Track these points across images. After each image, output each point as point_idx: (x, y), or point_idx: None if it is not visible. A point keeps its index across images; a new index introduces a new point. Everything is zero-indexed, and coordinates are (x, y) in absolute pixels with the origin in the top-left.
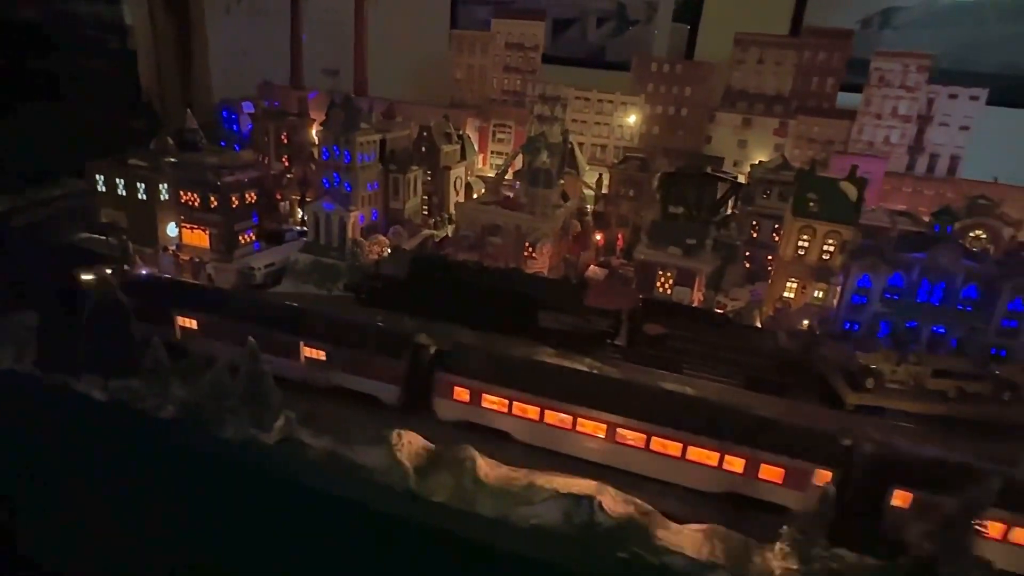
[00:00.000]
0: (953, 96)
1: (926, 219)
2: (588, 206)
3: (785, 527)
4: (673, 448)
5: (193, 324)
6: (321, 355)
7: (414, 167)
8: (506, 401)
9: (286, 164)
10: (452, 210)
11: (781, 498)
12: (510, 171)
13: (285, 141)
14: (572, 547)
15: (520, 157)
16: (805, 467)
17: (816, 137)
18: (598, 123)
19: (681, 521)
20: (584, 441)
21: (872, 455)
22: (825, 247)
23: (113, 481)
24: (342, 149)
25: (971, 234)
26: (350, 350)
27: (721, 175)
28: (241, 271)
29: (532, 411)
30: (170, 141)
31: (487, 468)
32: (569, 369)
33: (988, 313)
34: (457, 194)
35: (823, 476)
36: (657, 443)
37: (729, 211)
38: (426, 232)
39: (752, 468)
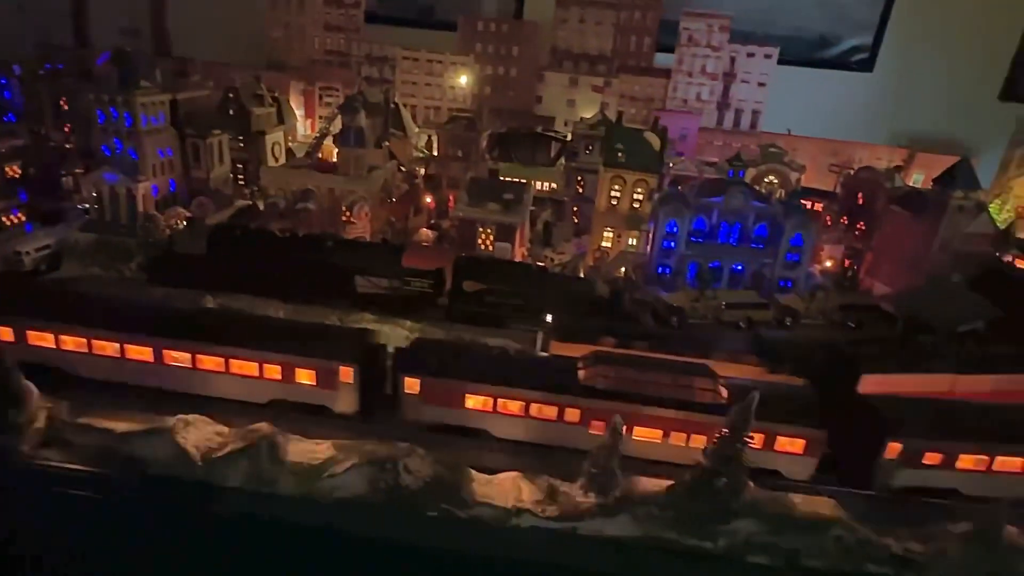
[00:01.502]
0: (751, 55)
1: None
2: (420, 169)
3: (584, 463)
4: (217, 364)
5: None
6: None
7: (217, 131)
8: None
9: (67, 133)
10: None
11: (319, 399)
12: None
13: (65, 107)
14: (379, 513)
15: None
16: (332, 366)
17: (637, 95)
18: (429, 84)
19: (492, 472)
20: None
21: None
22: (635, 196)
23: None
24: (120, 111)
25: (765, 180)
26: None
27: (551, 134)
28: (5, 257)
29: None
30: None
31: (287, 445)
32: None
33: (775, 249)
34: (276, 161)
35: (347, 373)
36: (204, 361)
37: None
38: (241, 203)
39: (289, 373)
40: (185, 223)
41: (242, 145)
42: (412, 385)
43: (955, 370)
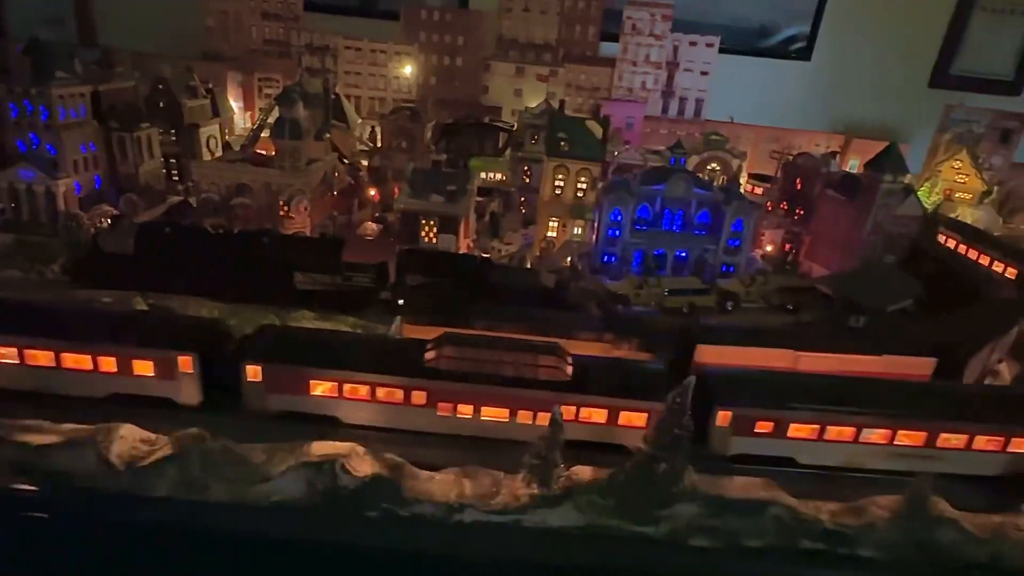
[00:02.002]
0: (693, 43)
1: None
2: (364, 161)
3: (525, 455)
4: (48, 358)
5: None
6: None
7: (145, 124)
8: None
9: None
10: None
11: (160, 391)
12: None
13: None
14: (317, 515)
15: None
16: (170, 356)
17: (583, 84)
18: (373, 75)
19: (435, 468)
20: None
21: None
22: (579, 185)
23: None
24: (35, 104)
25: (708, 167)
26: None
27: (498, 124)
28: None
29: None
30: None
31: (219, 450)
32: None
33: (718, 235)
34: (212, 155)
35: (185, 362)
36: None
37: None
38: (174, 199)
39: (126, 365)
40: (110, 221)
41: (174, 139)
42: (254, 373)
43: (797, 346)
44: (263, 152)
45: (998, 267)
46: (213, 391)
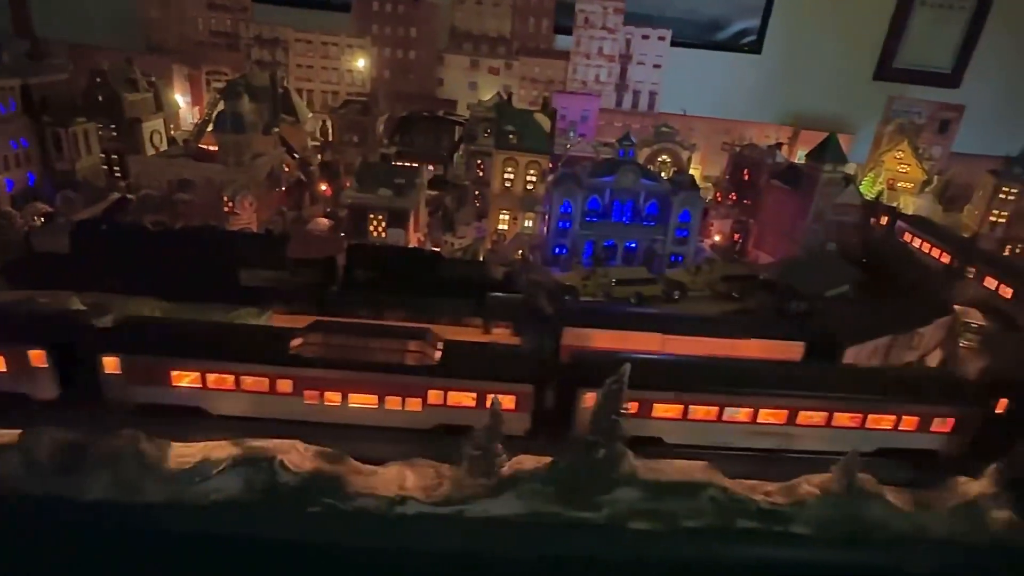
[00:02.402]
0: (645, 36)
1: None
2: (316, 155)
3: (465, 447)
4: None
5: None
6: None
7: (81, 119)
8: None
9: None
10: None
11: (15, 386)
12: None
13: None
14: (256, 513)
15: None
16: (21, 350)
17: (538, 77)
18: (326, 68)
19: (378, 462)
20: None
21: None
22: (528, 178)
23: None
24: None
25: (659, 159)
26: None
27: (453, 117)
28: None
29: None
30: None
31: (155, 451)
32: None
33: (666, 226)
34: (156, 150)
35: (38, 356)
36: None
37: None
38: (116, 195)
39: None
40: (43, 219)
41: (115, 134)
42: (111, 365)
43: (663, 329)
44: (207, 147)
45: (935, 253)
46: (71, 385)
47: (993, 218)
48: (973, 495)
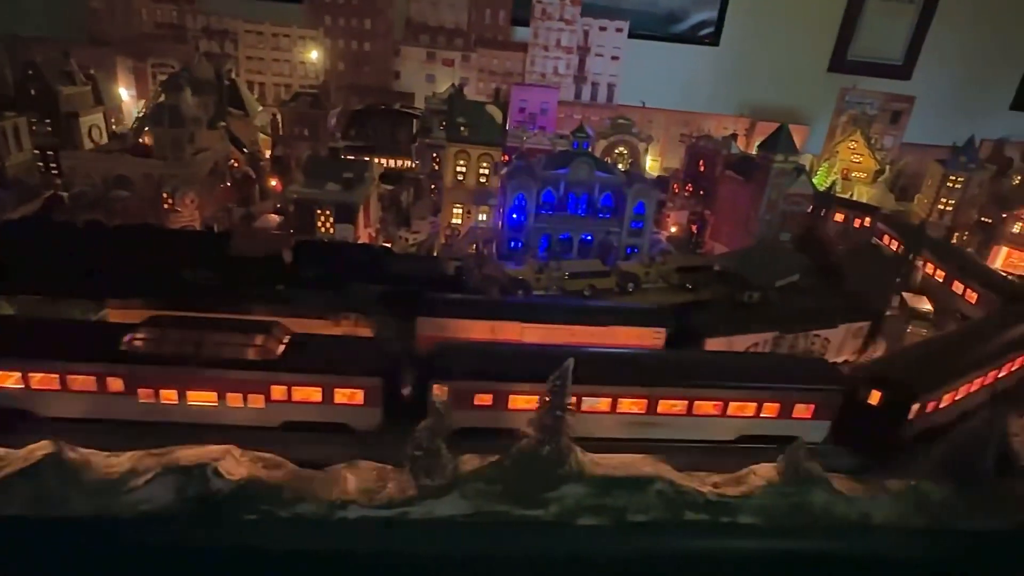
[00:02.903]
0: (603, 28)
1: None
2: (266, 150)
3: (407, 447)
4: None
5: None
6: None
7: (10, 113)
8: None
9: None
10: None
11: None
12: None
13: None
14: (189, 523)
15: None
16: None
17: (496, 69)
18: (277, 60)
19: (320, 465)
20: None
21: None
22: (480, 171)
23: None
24: None
25: (616, 151)
26: None
27: (410, 110)
28: None
29: None
30: None
31: (77, 462)
32: None
33: (621, 218)
34: (96, 145)
35: None
36: None
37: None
38: (49, 193)
39: None
40: None
41: (50, 129)
42: None
43: (522, 318)
44: (148, 142)
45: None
46: None
47: (941, 206)
48: (914, 480)
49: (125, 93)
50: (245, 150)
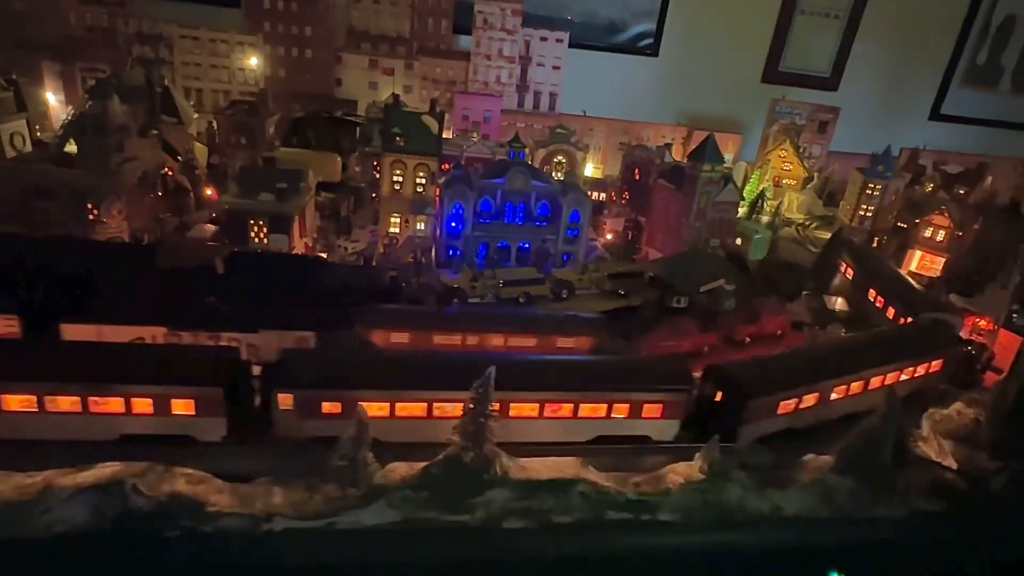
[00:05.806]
0: (544, 39)
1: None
2: (202, 159)
3: (332, 458)
4: None
5: None
6: None
7: None
8: None
9: None
10: None
11: None
12: None
13: None
14: (107, 543)
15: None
16: None
17: (439, 77)
18: (215, 66)
19: (244, 479)
20: None
21: None
22: (417, 180)
23: None
24: None
25: (555, 159)
26: None
27: (352, 118)
28: None
29: None
30: None
31: None
32: None
33: (557, 225)
34: (18, 154)
35: None
36: None
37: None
38: None
39: None
40: None
41: None
42: None
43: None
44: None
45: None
46: None
47: (862, 212)
48: (820, 472)
49: (53, 98)
50: (179, 159)
